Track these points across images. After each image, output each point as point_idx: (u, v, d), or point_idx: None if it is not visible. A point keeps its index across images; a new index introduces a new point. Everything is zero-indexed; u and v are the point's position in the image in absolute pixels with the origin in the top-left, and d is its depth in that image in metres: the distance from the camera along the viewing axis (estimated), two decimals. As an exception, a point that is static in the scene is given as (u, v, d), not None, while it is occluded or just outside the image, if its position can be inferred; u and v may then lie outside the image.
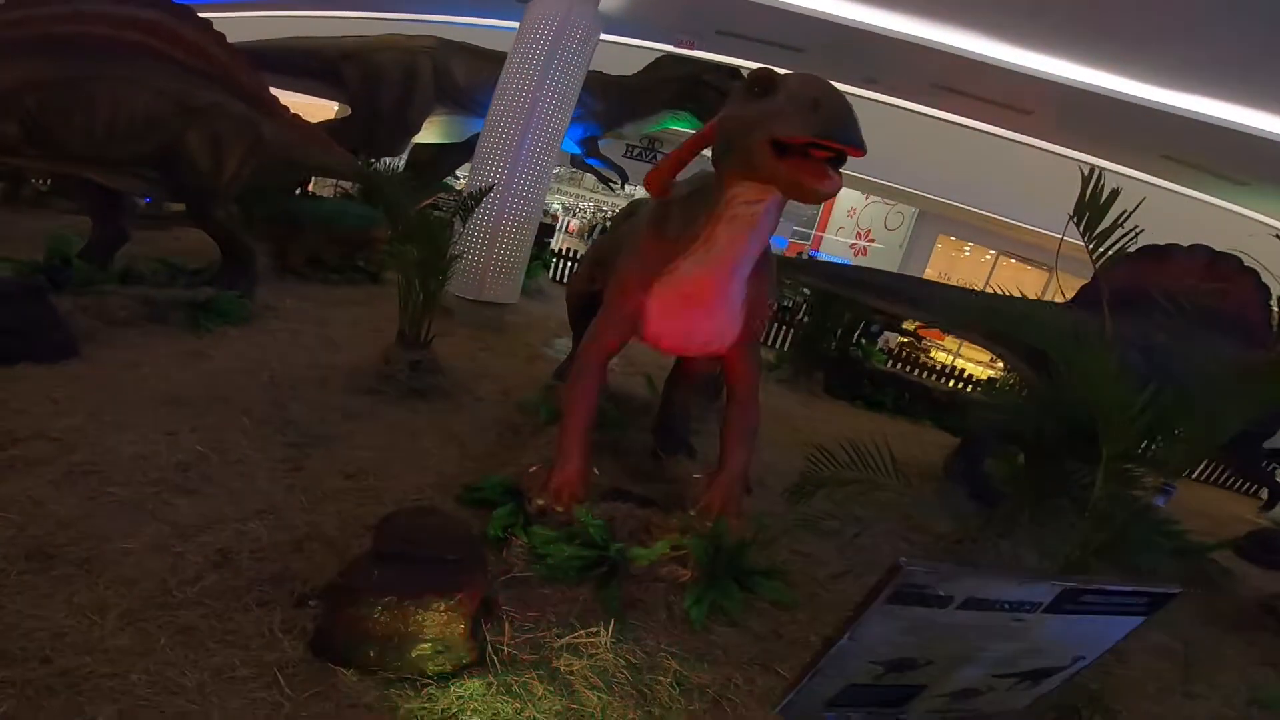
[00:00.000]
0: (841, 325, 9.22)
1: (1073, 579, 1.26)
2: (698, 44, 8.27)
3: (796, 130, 2.10)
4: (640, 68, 9.22)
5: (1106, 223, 2.72)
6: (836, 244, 17.09)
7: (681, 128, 10.08)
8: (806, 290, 9.10)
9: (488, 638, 2.47)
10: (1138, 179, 9.74)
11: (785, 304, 10.65)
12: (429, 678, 2.25)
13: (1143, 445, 2.80)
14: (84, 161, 4.65)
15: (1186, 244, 5.34)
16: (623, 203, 20.08)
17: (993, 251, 15.54)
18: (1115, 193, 2.74)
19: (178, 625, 2.27)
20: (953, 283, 9.02)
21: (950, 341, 13.76)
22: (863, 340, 9.98)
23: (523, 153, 6.66)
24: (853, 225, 16.99)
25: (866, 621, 1.17)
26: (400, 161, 9.11)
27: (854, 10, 7.05)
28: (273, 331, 5.43)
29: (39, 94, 4.24)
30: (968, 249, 16.23)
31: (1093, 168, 2.81)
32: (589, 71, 7.17)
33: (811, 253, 16.52)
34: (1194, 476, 10.33)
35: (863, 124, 2.10)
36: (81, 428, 3.37)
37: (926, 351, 11.92)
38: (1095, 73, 7.46)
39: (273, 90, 5.85)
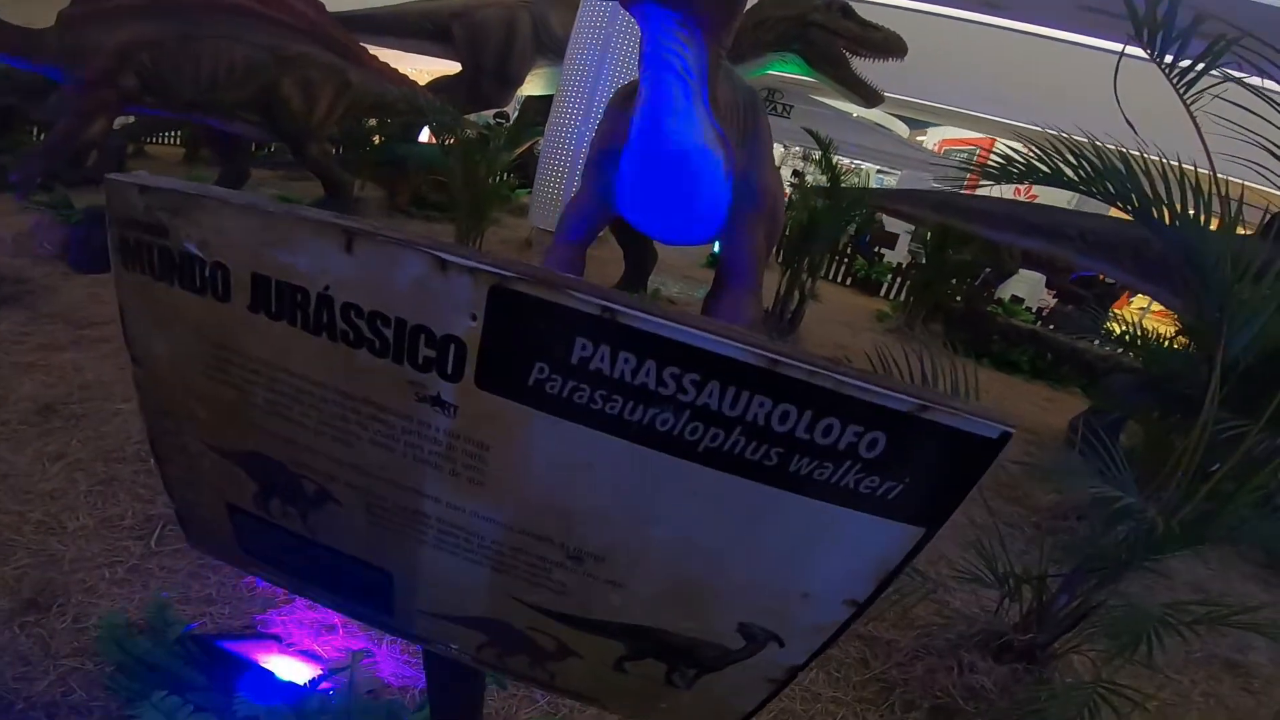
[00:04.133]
0: (966, 270, 7.84)
1: (510, 264, 0.46)
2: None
3: None
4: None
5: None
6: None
7: (791, 72, 9.09)
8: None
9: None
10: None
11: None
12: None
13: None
14: (195, 108, 5.05)
15: None
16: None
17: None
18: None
19: (106, 476, 2.24)
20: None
21: (1131, 311, 11.29)
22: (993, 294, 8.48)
23: (598, 89, 6.31)
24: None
25: (130, 311, 0.62)
26: (513, 114, 9.15)
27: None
28: (358, 258, 5.65)
29: (152, 50, 4.66)
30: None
31: None
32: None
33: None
34: None
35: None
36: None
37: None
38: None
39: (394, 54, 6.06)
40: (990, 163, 2.37)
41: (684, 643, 0.58)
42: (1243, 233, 2.54)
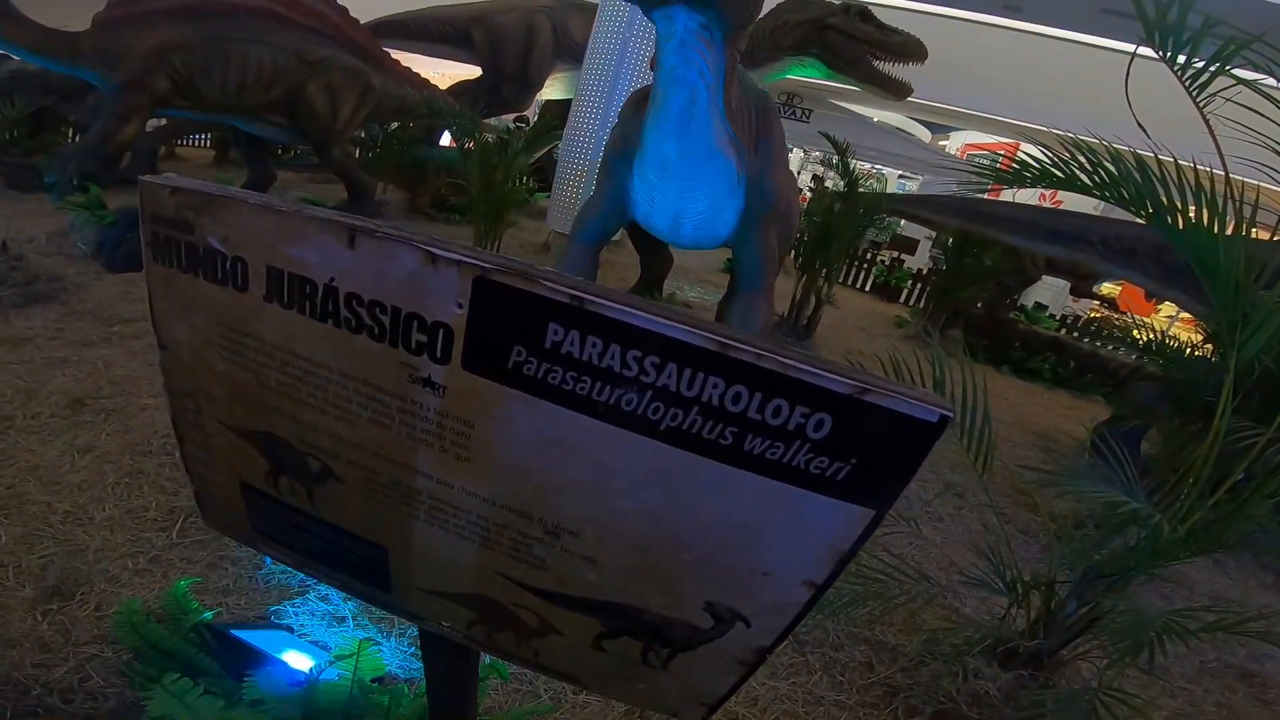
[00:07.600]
0: (987, 275, 7.73)
1: (491, 258, 0.51)
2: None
3: None
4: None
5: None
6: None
7: (810, 76, 9.07)
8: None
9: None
10: None
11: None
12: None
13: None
14: (224, 110, 5.20)
15: None
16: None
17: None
18: None
19: (133, 469, 2.31)
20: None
21: (1159, 319, 11.05)
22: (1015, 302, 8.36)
23: (616, 93, 6.38)
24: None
25: (158, 300, 0.65)
26: (533, 118, 9.24)
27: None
28: (378, 260, 5.77)
29: (183, 53, 4.81)
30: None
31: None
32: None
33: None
34: None
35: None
36: (177, 318, 3.78)
37: (1113, 324, 9.66)
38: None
39: (417, 58, 6.20)
40: (1006, 168, 2.37)
41: (656, 620, 0.62)
42: (1265, 238, 2.51)
